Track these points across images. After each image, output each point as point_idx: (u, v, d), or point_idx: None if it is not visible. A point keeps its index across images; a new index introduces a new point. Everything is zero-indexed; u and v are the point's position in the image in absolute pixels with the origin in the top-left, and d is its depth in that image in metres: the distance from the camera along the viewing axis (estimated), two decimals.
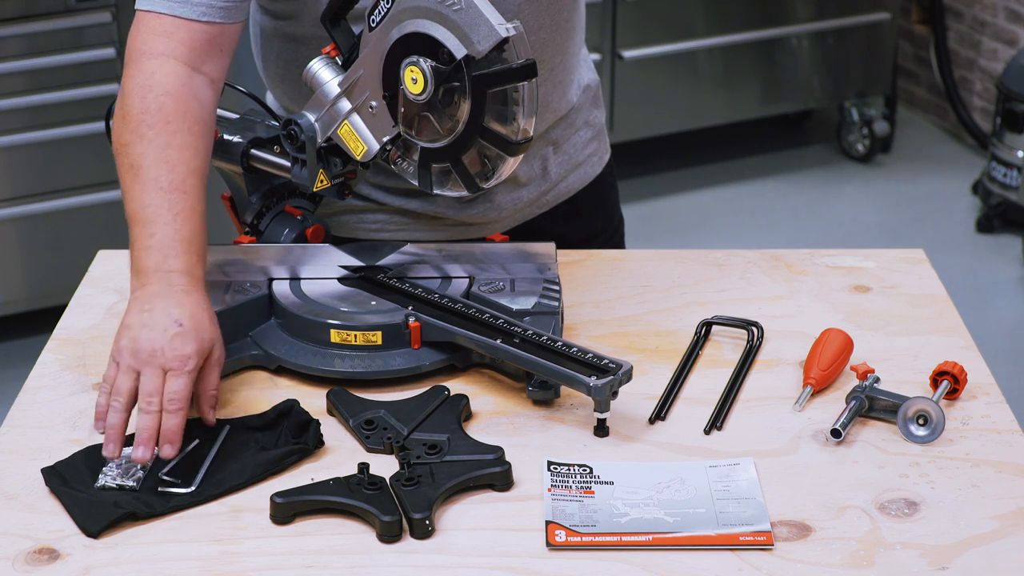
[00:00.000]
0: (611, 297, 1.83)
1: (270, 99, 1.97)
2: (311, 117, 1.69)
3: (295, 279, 1.74)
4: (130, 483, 1.45)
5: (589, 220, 2.03)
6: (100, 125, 3.44)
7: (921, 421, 1.54)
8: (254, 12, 1.87)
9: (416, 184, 1.67)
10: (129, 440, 1.49)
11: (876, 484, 1.47)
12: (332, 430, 1.55)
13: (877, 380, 1.60)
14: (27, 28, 3.46)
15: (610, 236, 2.10)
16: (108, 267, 1.91)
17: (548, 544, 1.38)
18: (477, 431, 1.55)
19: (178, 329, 1.52)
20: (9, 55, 3.47)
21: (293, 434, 1.52)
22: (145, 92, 1.63)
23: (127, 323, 1.54)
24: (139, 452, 1.46)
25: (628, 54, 4.32)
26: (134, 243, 1.59)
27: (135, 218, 1.59)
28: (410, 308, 1.66)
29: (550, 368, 1.55)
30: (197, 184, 1.61)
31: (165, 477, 1.46)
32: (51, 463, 1.48)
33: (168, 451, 1.47)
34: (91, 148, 3.58)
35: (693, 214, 4.46)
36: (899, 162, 4.82)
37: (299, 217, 1.80)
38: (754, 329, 1.74)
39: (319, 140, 1.69)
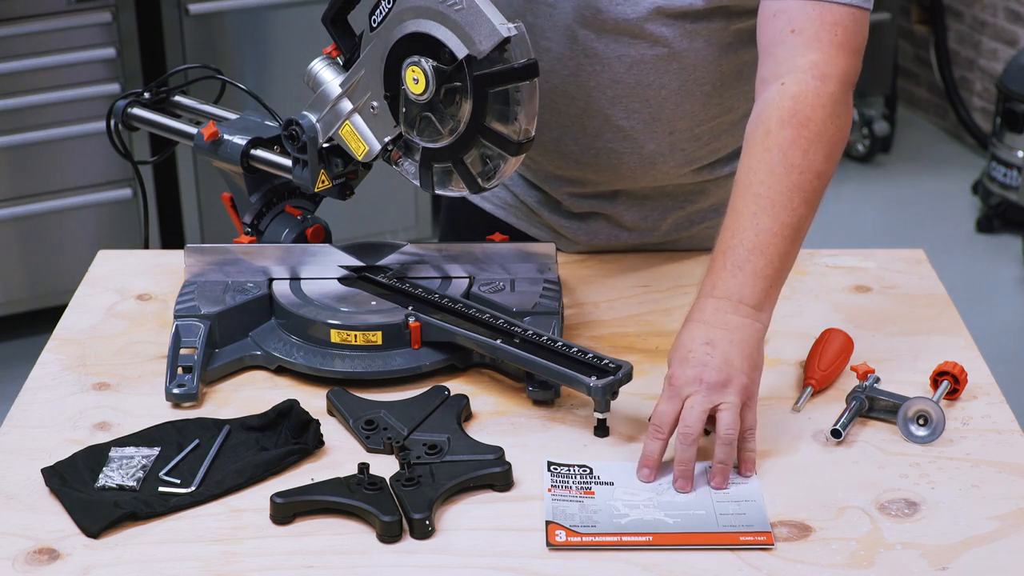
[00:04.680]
0: (611, 297, 1.83)
1: None
2: (312, 117, 1.69)
3: (295, 279, 1.74)
4: (130, 483, 1.45)
5: None
6: (100, 125, 3.44)
7: (921, 421, 1.54)
8: None
9: (417, 183, 1.67)
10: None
11: (876, 484, 1.47)
12: (332, 430, 1.55)
13: (877, 380, 1.60)
14: (27, 28, 3.46)
15: None
16: (108, 267, 1.91)
17: (548, 544, 1.38)
18: (477, 431, 1.55)
19: None
20: (9, 55, 3.47)
21: (293, 434, 1.52)
22: None
23: None
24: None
25: None
26: None
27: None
28: (410, 308, 1.66)
29: (550, 368, 1.54)
30: None
31: (165, 477, 1.46)
32: (51, 463, 1.48)
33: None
34: (91, 148, 3.58)
35: None
36: (899, 162, 4.81)
37: (299, 217, 1.80)
38: None
39: (320, 140, 1.70)
